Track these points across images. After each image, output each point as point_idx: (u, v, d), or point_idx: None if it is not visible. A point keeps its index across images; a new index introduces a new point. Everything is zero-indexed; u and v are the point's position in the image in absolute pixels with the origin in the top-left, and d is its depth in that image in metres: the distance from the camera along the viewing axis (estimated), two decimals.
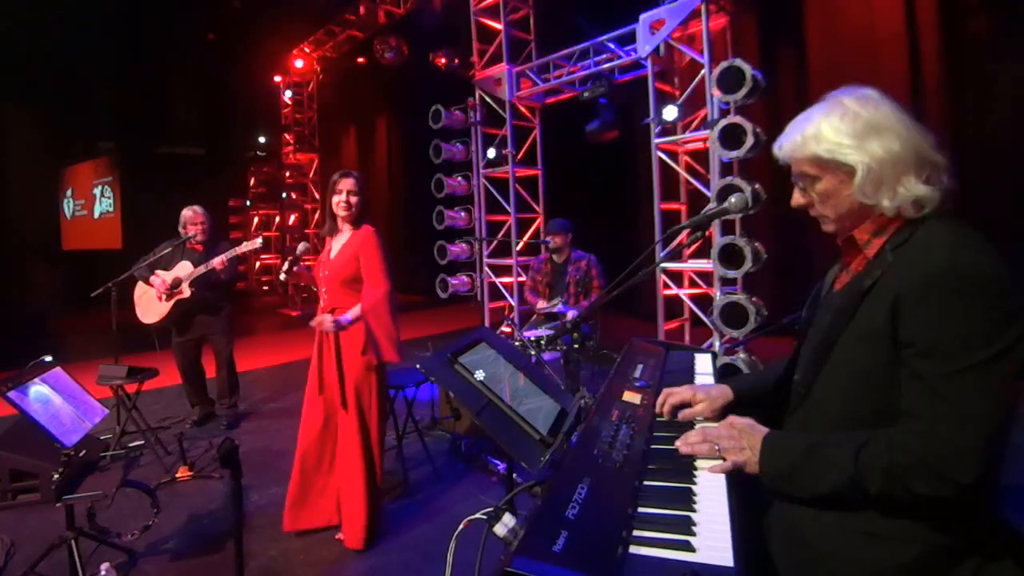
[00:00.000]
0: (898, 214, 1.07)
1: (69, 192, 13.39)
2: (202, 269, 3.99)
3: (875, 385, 1.05)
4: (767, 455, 1.11)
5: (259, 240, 3.89)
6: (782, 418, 1.25)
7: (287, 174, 11.47)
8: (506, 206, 6.38)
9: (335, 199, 2.67)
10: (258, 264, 12.69)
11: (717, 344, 4.32)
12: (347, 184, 2.68)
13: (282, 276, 2.81)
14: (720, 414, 1.38)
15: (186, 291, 4.04)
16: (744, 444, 1.14)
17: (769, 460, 1.10)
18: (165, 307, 4.07)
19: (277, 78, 11.67)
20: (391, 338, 2.62)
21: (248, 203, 12.54)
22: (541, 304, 4.60)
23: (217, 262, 3.88)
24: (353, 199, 2.68)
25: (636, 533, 0.93)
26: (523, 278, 5.52)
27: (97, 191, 12.44)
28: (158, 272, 4.07)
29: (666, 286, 4.88)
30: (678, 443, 1.21)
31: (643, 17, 4.76)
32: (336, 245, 2.75)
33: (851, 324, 1.08)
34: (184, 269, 4.07)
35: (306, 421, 2.73)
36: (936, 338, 0.96)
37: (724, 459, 1.15)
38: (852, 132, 1.06)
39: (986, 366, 0.92)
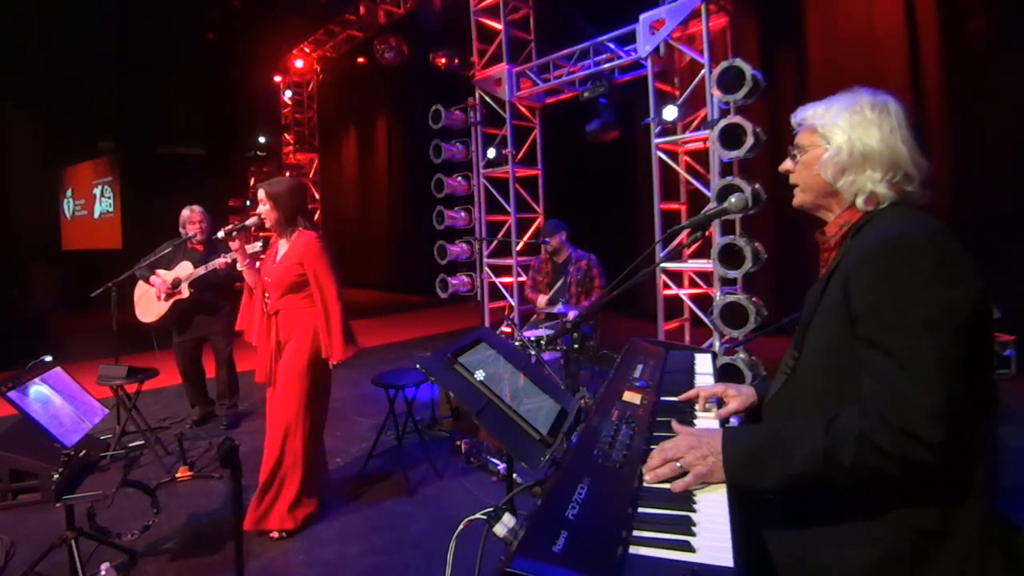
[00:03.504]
0: (854, 204, 1.15)
1: (69, 192, 13.40)
2: (202, 270, 3.98)
3: (841, 360, 1.07)
4: (729, 444, 1.07)
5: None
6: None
7: (287, 174, 11.47)
8: (506, 206, 6.38)
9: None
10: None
11: (717, 344, 4.32)
12: (259, 194, 2.73)
13: (220, 233, 2.83)
14: (749, 414, 1.40)
15: (185, 291, 4.03)
16: (706, 450, 1.07)
17: (733, 449, 1.06)
18: (163, 307, 4.07)
19: (277, 78, 11.68)
20: (343, 338, 2.71)
21: (248, 203, 12.52)
22: (541, 300, 4.58)
23: (220, 262, 3.87)
24: (262, 209, 2.70)
25: (636, 533, 0.93)
26: (523, 278, 5.51)
27: (97, 191, 12.45)
28: (158, 272, 4.07)
29: (666, 286, 4.88)
30: (645, 475, 1.10)
31: (643, 17, 4.76)
32: (280, 250, 2.80)
33: (819, 306, 1.14)
34: (185, 269, 4.07)
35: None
36: (880, 301, 0.99)
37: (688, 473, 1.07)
38: (847, 121, 1.14)
39: (934, 326, 0.94)
